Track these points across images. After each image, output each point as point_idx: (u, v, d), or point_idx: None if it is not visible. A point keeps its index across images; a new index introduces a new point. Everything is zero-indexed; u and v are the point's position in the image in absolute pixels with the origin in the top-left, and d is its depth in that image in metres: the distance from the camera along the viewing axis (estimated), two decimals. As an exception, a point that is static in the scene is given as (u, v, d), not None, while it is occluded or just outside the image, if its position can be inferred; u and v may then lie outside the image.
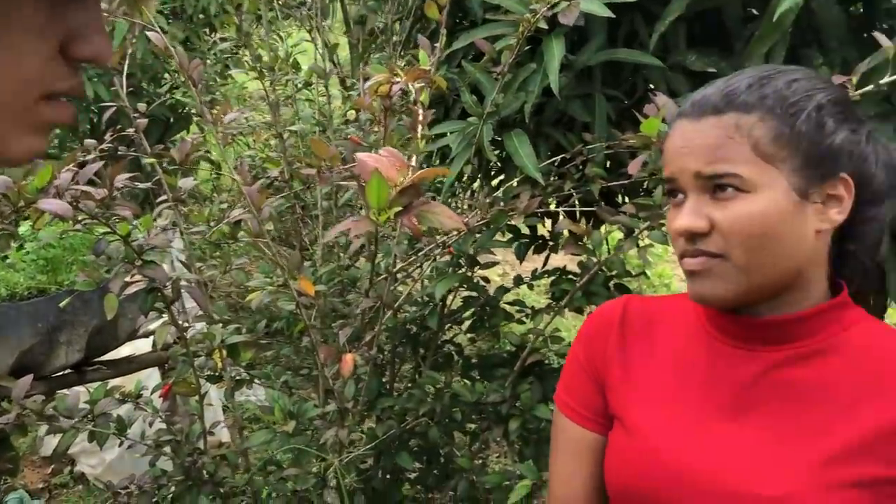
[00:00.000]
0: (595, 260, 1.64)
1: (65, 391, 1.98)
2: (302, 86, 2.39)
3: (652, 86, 1.81)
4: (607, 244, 1.75)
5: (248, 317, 2.41)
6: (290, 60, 2.34)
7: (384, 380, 2.04)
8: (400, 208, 0.85)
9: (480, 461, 1.89)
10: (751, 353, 0.85)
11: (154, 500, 1.65)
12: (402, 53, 1.92)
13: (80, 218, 1.42)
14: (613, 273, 1.73)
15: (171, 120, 4.26)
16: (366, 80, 1.44)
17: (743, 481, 0.80)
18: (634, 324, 0.96)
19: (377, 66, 1.28)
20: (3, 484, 2.52)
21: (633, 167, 1.41)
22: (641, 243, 1.61)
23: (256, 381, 1.98)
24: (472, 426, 1.93)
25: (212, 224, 1.86)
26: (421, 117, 1.15)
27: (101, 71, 3.46)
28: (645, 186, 1.89)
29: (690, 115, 0.82)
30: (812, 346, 0.83)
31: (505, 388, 1.72)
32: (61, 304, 1.70)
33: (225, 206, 2.59)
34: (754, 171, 0.78)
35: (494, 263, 1.80)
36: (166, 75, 4.12)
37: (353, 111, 2.63)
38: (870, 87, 1.29)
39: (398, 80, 1.19)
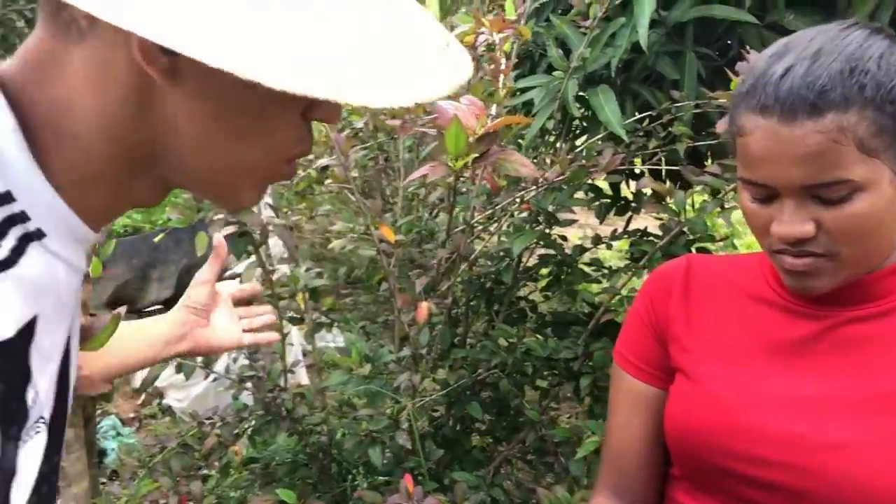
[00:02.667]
0: (677, 220, 1.62)
1: (156, 325, 2.08)
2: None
3: (746, 45, 1.75)
4: (692, 206, 1.73)
5: (329, 264, 2.48)
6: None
7: (457, 331, 2.07)
8: (477, 155, 0.86)
9: (549, 416, 1.91)
10: (821, 312, 0.86)
11: (235, 431, 1.74)
12: (490, 7, 1.91)
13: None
14: (696, 236, 1.71)
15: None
16: (451, 30, 1.45)
17: (804, 430, 0.81)
18: (698, 281, 0.96)
19: (464, 17, 1.28)
20: (98, 409, 2.68)
21: (722, 126, 1.38)
22: (727, 205, 1.58)
23: (336, 325, 2.04)
24: (543, 382, 1.95)
25: (300, 172, 1.91)
26: (503, 67, 1.15)
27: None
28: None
29: (779, 117, 0.75)
30: (883, 305, 0.83)
31: (577, 346, 1.73)
32: (156, 240, 1.79)
33: (311, 156, 2.64)
34: (863, 171, 0.74)
35: (573, 221, 1.80)
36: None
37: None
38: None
39: (483, 30, 1.19)
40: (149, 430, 3.12)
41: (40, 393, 0.58)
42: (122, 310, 1.66)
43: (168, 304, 2.18)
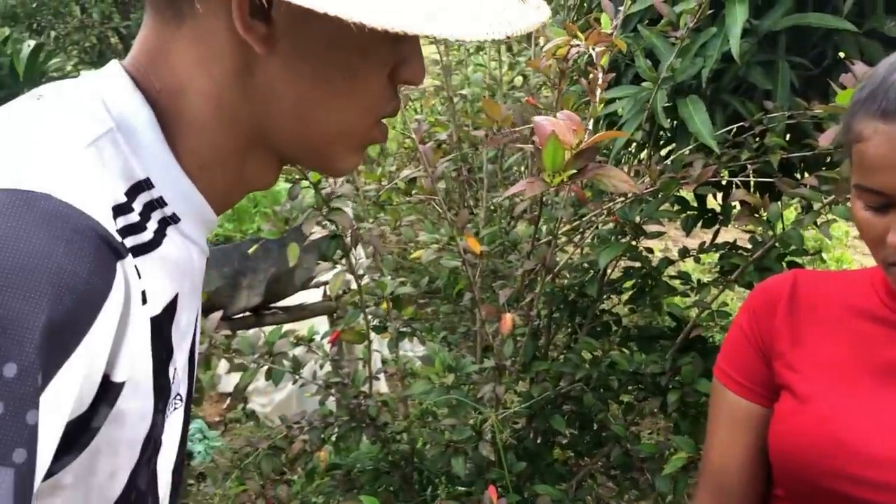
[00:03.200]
0: (770, 234, 1.58)
1: (244, 331, 2.14)
2: (473, 50, 2.43)
3: (842, 54, 1.70)
4: (782, 220, 1.68)
5: (408, 274, 2.50)
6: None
7: (539, 344, 2.06)
8: (574, 171, 0.86)
9: (634, 432, 1.88)
10: None
11: (321, 436, 1.77)
12: (575, 17, 1.91)
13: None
14: (789, 250, 1.66)
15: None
16: (537, 43, 1.45)
17: None
18: (806, 297, 0.94)
19: (556, 30, 1.29)
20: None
21: (826, 139, 1.34)
22: (822, 219, 1.53)
23: (417, 334, 2.06)
24: (628, 397, 1.92)
25: (383, 183, 1.95)
26: (601, 81, 1.15)
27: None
28: (829, 159, 1.79)
29: None
30: None
31: (665, 361, 1.70)
32: (249, 251, 1.84)
33: (393, 168, 2.68)
34: None
35: (661, 234, 1.77)
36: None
37: (521, 77, 2.65)
38: None
39: (577, 43, 1.19)
40: (234, 434, 3.20)
41: (178, 370, 0.62)
42: (217, 315, 1.72)
43: (256, 310, 2.25)
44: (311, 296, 2.75)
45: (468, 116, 2.24)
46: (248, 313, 2.28)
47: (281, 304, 2.40)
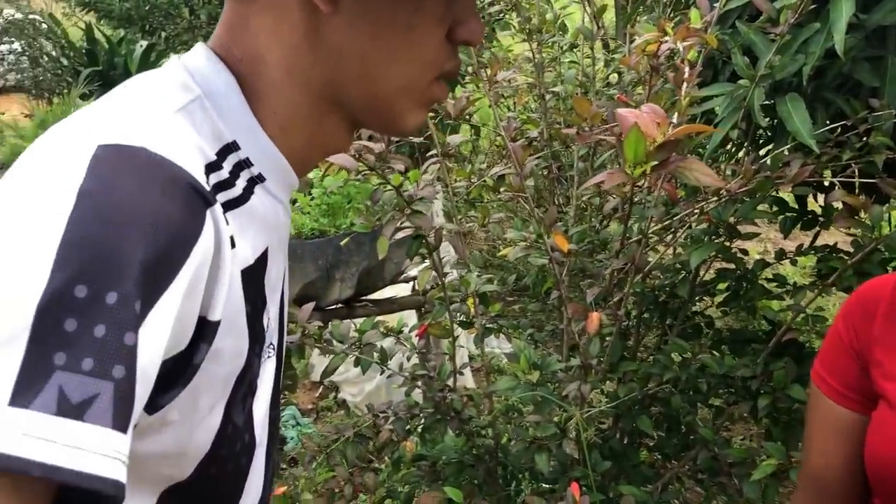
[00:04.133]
0: (872, 236, 1.52)
1: (336, 321, 2.21)
2: (567, 48, 2.42)
3: (959, 48, 1.61)
4: (889, 222, 1.61)
5: (497, 272, 2.52)
6: (558, 22, 2.37)
7: (628, 344, 2.04)
8: (656, 163, 0.85)
9: (723, 436, 1.84)
10: None
11: (406, 427, 1.81)
12: (671, 14, 1.88)
13: (360, 169, 1.57)
14: (894, 254, 1.59)
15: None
16: (632, 40, 1.44)
17: None
18: None
19: (647, 26, 1.27)
20: (281, 398, 2.87)
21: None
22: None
23: (503, 331, 2.07)
24: (717, 400, 1.88)
25: (473, 180, 1.97)
26: (687, 75, 1.13)
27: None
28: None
29: None
30: None
31: (756, 364, 1.66)
32: (342, 243, 1.90)
33: (484, 165, 2.70)
34: None
35: (755, 235, 1.73)
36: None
37: (616, 74, 2.62)
38: None
39: (667, 39, 1.18)
40: (325, 422, 3.29)
41: (271, 320, 0.67)
42: (310, 306, 1.78)
43: (348, 302, 2.31)
44: (401, 290, 2.80)
45: (560, 114, 2.24)
46: (340, 305, 2.34)
47: (371, 296, 2.45)
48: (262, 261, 0.63)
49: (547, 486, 1.87)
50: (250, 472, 0.67)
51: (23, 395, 0.44)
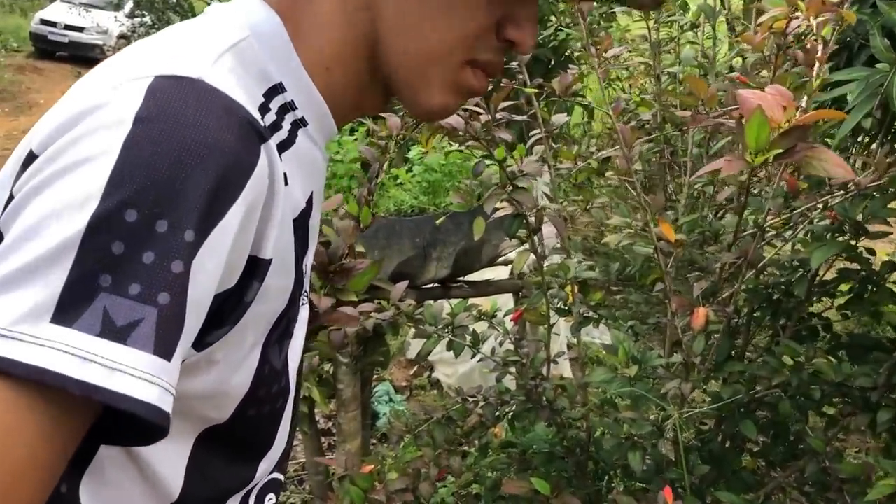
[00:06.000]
0: None
1: (430, 301, 2.18)
2: (688, 27, 2.29)
3: None
4: None
5: (601, 259, 2.43)
6: (679, 0, 2.25)
7: (736, 343, 1.93)
8: (780, 150, 0.77)
9: (834, 447, 1.71)
10: None
11: (496, 413, 1.77)
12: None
13: (463, 140, 1.53)
14: None
15: (553, 62, 4.38)
16: (758, 15, 1.33)
17: None
18: None
19: (775, 0, 1.17)
20: (375, 374, 2.88)
21: None
22: None
23: (603, 321, 2.00)
24: (831, 409, 1.75)
25: (579, 163, 1.89)
26: (820, 54, 1.02)
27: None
28: None
29: None
30: None
31: (878, 374, 1.53)
32: (438, 222, 1.86)
33: (594, 149, 2.61)
34: None
35: (886, 235, 1.58)
36: (552, 17, 4.23)
37: (740, 58, 2.47)
38: None
39: (798, 14, 1.07)
40: (417, 400, 3.30)
41: (307, 266, 0.66)
42: (403, 285, 1.76)
43: (444, 283, 2.28)
44: (499, 272, 2.75)
45: (676, 96, 2.13)
46: (436, 284, 2.32)
47: (468, 278, 2.42)
48: (308, 204, 0.63)
49: (640, 485, 1.79)
50: (283, 418, 0.67)
51: (66, 312, 0.44)
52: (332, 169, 2.14)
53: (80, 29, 12.69)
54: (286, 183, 0.57)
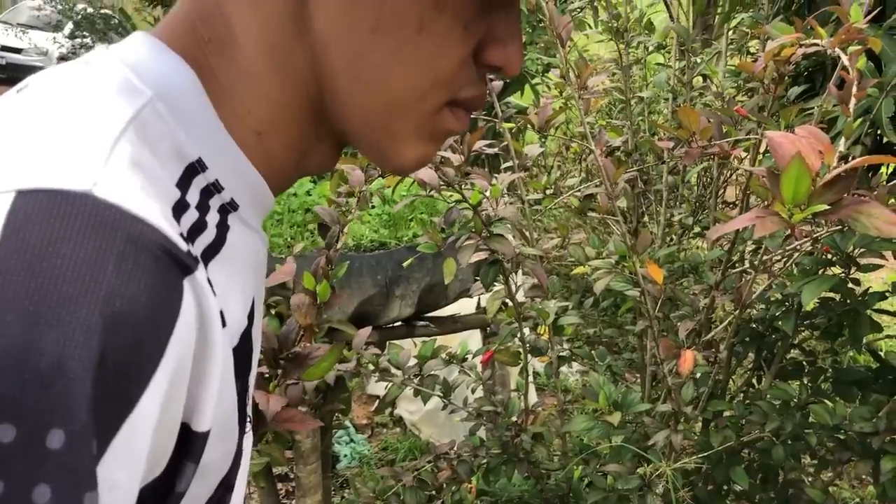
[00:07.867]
0: None
1: (395, 342, 2.04)
2: (654, 49, 2.21)
3: None
4: None
5: (572, 288, 2.32)
6: (644, 21, 2.17)
7: (718, 379, 1.83)
8: (824, 206, 0.66)
9: (832, 495, 1.61)
10: None
11: (471, 468, 1.64)
12: (785, 15, 1.65)
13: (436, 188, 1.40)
14: None
15: (506, 81, 4.30)
16: (731, 41, 1.23)
17: None
18: None
19: (781, 25, 1.07)
20: (335, 421, 2.73)
21: None
22: None
23: (579, 360, 1.88)
24: (825, 451, 1.66)
25: (547, 192, 1.78)
26: (855, 90, 0.92)
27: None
28: None
29: None
30: None
31: (879, 418, 1.43)
32: (405, 264, 1.73)
33: (557, 174, 2.50)
34: None
35: (878, 267, 1.50)
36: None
37: (699, 78, 2.39)
38: None
39: (815, 41, 0.97)
40: (380, 440, 3.14)
41: (252, 382, 0.52)
42: (366, 332, 1.62)
43: (408, 321, 2.14)
44: (465, 305, 2.62)
45: (646, 122, 2.04)
46: (399, 323, 2.18)
47: (433, 314, 2.28)
48: (251, 318, 0.49)
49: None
50: None
51: None
52: (285, 204, 1.99)
53: (17, 51, 12.28)
54: (224, 323, 0.42)
